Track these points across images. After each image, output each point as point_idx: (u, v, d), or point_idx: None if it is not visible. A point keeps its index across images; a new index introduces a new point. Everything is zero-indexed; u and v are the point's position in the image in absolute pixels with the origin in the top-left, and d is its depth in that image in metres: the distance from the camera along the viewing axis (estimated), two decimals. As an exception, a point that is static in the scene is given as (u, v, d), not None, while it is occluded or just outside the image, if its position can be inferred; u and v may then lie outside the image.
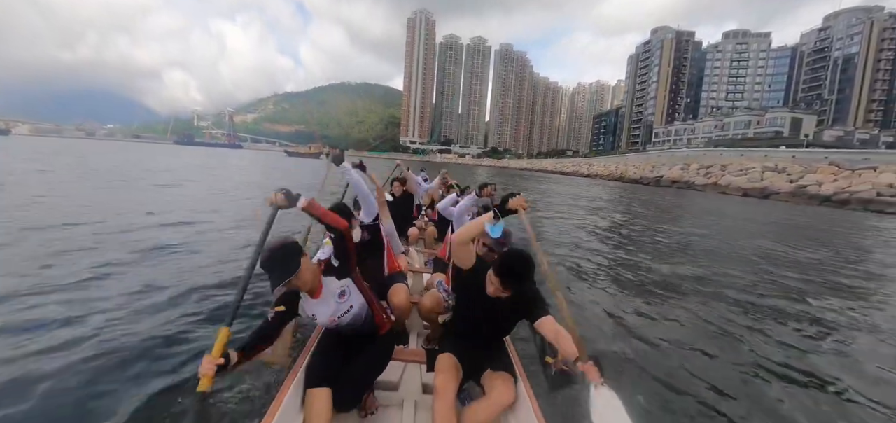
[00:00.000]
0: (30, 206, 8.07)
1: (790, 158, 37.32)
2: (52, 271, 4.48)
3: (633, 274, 6.51)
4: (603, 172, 64.19)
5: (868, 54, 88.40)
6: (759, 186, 32.49)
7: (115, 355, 2.89)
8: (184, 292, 4.20)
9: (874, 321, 4.92)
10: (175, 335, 3.25)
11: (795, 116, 70.83)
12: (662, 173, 46.81)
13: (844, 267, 8.02)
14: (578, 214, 14.59)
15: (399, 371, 2.36)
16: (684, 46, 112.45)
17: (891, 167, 27.92)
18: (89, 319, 3.38)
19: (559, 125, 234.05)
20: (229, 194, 13.63)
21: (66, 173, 15.95)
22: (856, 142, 69.63)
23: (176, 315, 3.63)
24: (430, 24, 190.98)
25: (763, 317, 4.78)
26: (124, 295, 3.98)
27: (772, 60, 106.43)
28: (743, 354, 3.79)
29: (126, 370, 2.75)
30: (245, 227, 7.81)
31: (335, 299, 1.90)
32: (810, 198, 27.86)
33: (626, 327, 4.16)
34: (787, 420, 2.81)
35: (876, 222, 18.90)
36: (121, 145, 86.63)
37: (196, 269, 5.02)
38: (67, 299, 3.76)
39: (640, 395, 2.90)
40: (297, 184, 18.13)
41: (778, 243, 10.48)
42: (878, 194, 24.58)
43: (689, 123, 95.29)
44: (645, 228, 12.14)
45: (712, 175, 39.70)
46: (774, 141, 63.74)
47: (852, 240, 12.15)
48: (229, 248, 6.22)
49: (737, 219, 16.68)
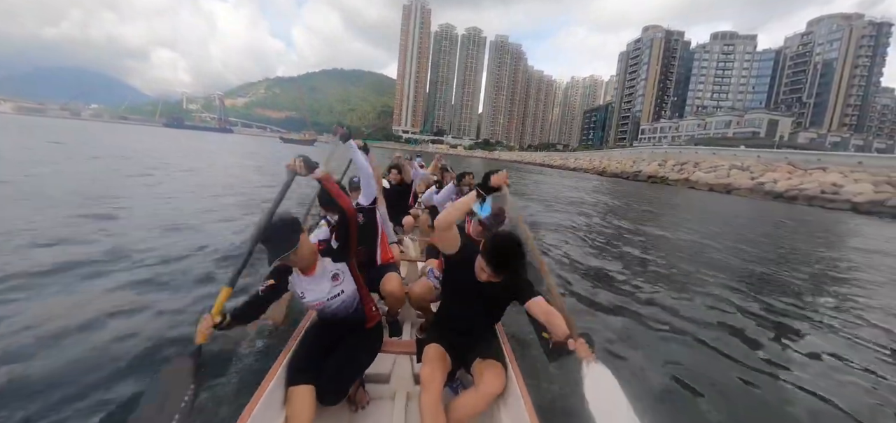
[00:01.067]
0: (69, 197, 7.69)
1: (755, 158, 39.83)
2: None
3: (588, 259, 6.92)
4: (587, 166, 66.48)
5: (846, 60, 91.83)
6: (723, 183, 34.93)
7: (129, 316, 3.22)
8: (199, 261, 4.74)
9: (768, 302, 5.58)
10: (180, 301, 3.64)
11: (772, 117, 73.81)
12: (641, 169, 49.16)
13: (769, 255, 8.86)
14: (557, 206, 15.25)
15: (390, 363, 2.34)
16: (673, 46, 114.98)
17: (837, 168, 30.48)
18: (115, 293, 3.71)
19: (552, 119, 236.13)
20: (241, 177, 14.79)
21: (83, 161, 15.52)
22: (827, 144, 72.96)
23: (188, 280, 4.13)
24: (426, 14, 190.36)
25: (694, 294, 5.38)
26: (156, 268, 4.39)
27: (756, 63, 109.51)
28: (681, 325, 4.19)
29: (130, 332, 3.00)
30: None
31: (328, 281, 1.89)
32: (765, 194, 30.34)
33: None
34: (755, 395, 3.02)
35: (819, 215, 20.47)
36: (109, 127, 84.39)
37: (209, 244, 5.44)
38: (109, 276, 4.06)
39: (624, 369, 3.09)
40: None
41: (720, 231, 11.92)
42: (822, 191, 27.06)
43: (674, 121, 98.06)
44: (612, 217, 13.22)
45: (685, 171, 42.11)
46: (751, 141, 66.73)
47: (792, 233, 13.21)
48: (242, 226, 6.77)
49: (694, 211, 18.16)
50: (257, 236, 1.67)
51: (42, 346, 2.74)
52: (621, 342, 3.66)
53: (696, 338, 3.94)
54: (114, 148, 22.83)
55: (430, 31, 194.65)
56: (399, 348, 2.39)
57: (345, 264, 1.95)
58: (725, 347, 3.80)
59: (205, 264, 4.71)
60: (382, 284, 2.61)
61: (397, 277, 2.71)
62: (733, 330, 4.28)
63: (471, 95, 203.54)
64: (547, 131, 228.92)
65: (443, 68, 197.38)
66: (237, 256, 3.44)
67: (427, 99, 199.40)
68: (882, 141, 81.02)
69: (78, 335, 2.91)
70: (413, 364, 2.33)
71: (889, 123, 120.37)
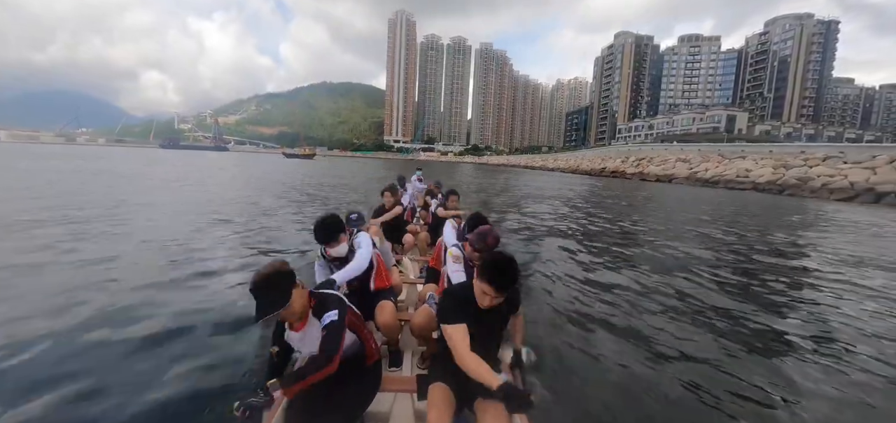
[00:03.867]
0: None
1: (696, 151, 46.07)
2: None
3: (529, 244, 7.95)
4: (564, 165, 72.67)
5: (799, 56, 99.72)
6: (668, 174, 41.02)
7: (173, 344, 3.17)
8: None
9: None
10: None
11: (730, 113, 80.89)
12: (606, 166, 55.34)
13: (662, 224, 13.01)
14: (526, 202, 17.38)
15: (389, 402, 2.19)
16: (643, 50, 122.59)
17: (753, 156, 36.71)
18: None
19: (539, 121, 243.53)
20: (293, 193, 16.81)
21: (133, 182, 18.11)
22: (781, 136, 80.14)
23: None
24: (411, 25, 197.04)
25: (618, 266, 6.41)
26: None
27: (721, 62, 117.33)
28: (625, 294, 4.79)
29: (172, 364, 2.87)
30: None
31: (319, 333, 1.77)
32: (696, 180, 36.42)
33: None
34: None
35: (726, 194, 25.80)
36: (106, 150, 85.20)
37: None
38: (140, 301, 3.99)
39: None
40: (325, 181, 24.10)
41: (646, 208, 16.15)
42: (736, 176, 33.15)
43: (646, 120, 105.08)
44: (561, 203, 17.05)
45: (640, 166, 48.24)
46: (711, 136, 73.53)
47: (693, 206, 18.53)
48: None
49: (636, 197, 22.27)
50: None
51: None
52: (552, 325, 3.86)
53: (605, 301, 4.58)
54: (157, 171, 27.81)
55: (416, 42, 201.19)
56: (399, 385, 2.29)
57: (335, 311, 1.82)
58: (642, 314, 4.29)
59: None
60: (376, 314, 2.53)
61: (391, 306, 2.63)
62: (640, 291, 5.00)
63: (459, 102, 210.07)
64: (536, 133, 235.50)
65: (430, 78, 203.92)
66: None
67: (417, 108, 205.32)
68: (833, 129, 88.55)
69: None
70: (414, 402, 2.16)
71: (851, 110, 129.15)
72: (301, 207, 12.33)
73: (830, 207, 18.76)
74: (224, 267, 5.32)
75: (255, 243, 6.86)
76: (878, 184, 22.69)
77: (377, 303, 2.60)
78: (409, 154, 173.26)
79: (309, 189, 18.50)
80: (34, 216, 8.08)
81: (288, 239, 7.41)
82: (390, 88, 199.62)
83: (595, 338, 3.69)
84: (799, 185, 27.38)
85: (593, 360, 3.27)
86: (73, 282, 4.45)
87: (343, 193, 17.59)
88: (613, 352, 3.39)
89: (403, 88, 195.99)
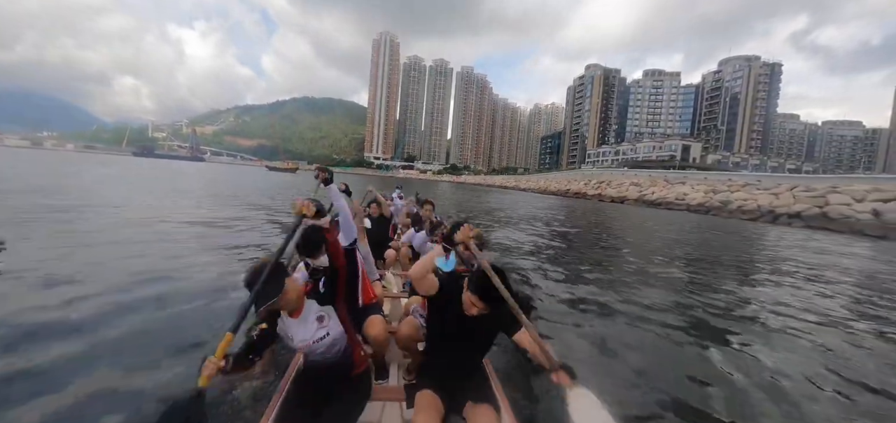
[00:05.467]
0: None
1: (647, 176, 50.98)
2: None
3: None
4: (534, 186, 77.00)
5: (748, 93, 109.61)
6: (621, 195, 45.37)
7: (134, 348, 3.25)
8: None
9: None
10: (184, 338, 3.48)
11: (686, 142, 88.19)
12: (570, 187, 59.70)
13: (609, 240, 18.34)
14: (495, 214, 21.02)
15: (378, 411, 2.24)
16: (612, 81, 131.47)
17: (691, 182, 41.51)
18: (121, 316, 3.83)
19: (517, 143, 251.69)
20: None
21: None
22: (730, 165, 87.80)
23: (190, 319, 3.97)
24: (395, 47, 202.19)
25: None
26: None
27: (681, 95, 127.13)
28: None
29: (136, 363, 3.00)
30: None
31: (314, 323, 1.89)
32: (644, 201, 40.73)
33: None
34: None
35: (665, 214, 30.34)
36: (81, 156, 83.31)
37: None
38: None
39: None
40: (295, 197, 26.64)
41: (595, 227, 20.57)
42: (675, 199, 37.56)
43: (613, 146, 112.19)
44: (521, 218, 20.85)
45: (599, 188, 52.67)
46: (666, 163, 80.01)
47: (640, 225, 22.66)
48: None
49: (592, 214, 25.78)
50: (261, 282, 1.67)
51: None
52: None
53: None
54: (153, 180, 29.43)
55: (399, 62, 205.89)
56: (387, 394, 2.31)
57: (331, 307, 1.96)
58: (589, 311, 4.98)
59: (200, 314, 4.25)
60: (366, 328, 2.58)
61: (381, 320, 2.69)
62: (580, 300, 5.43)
63: (439, 122, 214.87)
64: (513, 155, 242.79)
65: (412, 97, 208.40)
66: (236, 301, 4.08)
67: (398, 126, 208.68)
68: (776, 160, 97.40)
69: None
70: (403, 410, 2.21)
71: (797, 143, 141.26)
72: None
73: (742, 226, 22.72)
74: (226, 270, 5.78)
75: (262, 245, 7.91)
76: (776, 207, 27.06)
77: (366, 317, 2.65)
78: (389, 171, 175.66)
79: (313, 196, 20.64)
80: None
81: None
82: (372, 106, 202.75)
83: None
84: (721, 207, 31.72)
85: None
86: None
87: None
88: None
89: (385, 106, 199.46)
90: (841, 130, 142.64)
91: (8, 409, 2.46)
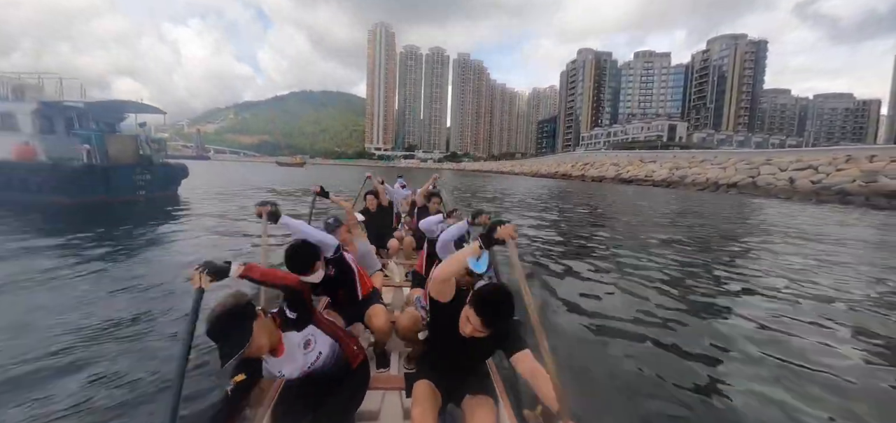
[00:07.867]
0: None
1: (625, 157, 55.53)
2: None
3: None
4: (528, 170, 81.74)
5: (735, 72, 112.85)
6: (600, 175, 50.11)
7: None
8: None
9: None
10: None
11: (672, 122, 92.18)
12: (559, 169, 64.42)
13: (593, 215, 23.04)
14: (485, 193, 25.35)
15: (379, 400, 2.25)
16: (603, 65, 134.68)
17: (661, 160, 46.11)
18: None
19: (517, 128, 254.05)
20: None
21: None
22: (715, 142, 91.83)
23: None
24: (391, 37, 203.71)
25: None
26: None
27: (671, 76, 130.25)
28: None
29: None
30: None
31: (301, 352, 1.75)
32: (620, 180, 45.49)
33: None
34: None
35: (635, 189, 34.89)
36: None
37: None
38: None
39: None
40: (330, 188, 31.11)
41: (580, 203, 25.40)
42: (645, 176, 42.26)
43: (605, 128, 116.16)
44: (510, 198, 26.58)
45: (585, 170, 57.35)
46: (654, 143, 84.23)
47: (623, 200, 27.39)
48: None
49: (569, 193, 30.76)
50: (182, 370, 1.41)
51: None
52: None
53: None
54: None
55: (396, 52, 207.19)
56: (387, 383, 2.35)
57: (311, 327, 1.80)
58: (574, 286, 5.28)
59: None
60: (368, 318, 2.60)
61: (383, 309, 2.69)
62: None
63: (438, 110, 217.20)
64: (513, 140, 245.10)
65: (410, 87, 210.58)
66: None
67: (397, 116, 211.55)
68: (760, 136, 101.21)
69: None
70: (402, 399, 2.23)
71: (788, 118, 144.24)
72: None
73: (695, 196, 27.34)
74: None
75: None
76: (720, 178, 31.81)
77: (367, 308, 2.67)
78: (391, 161, 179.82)
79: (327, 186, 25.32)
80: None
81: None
82: (371, 98, 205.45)
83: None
84: (679, 181, 36.47)
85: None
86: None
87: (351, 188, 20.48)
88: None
89: (384, 97, 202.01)
90: (832, 103, 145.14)
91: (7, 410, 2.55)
